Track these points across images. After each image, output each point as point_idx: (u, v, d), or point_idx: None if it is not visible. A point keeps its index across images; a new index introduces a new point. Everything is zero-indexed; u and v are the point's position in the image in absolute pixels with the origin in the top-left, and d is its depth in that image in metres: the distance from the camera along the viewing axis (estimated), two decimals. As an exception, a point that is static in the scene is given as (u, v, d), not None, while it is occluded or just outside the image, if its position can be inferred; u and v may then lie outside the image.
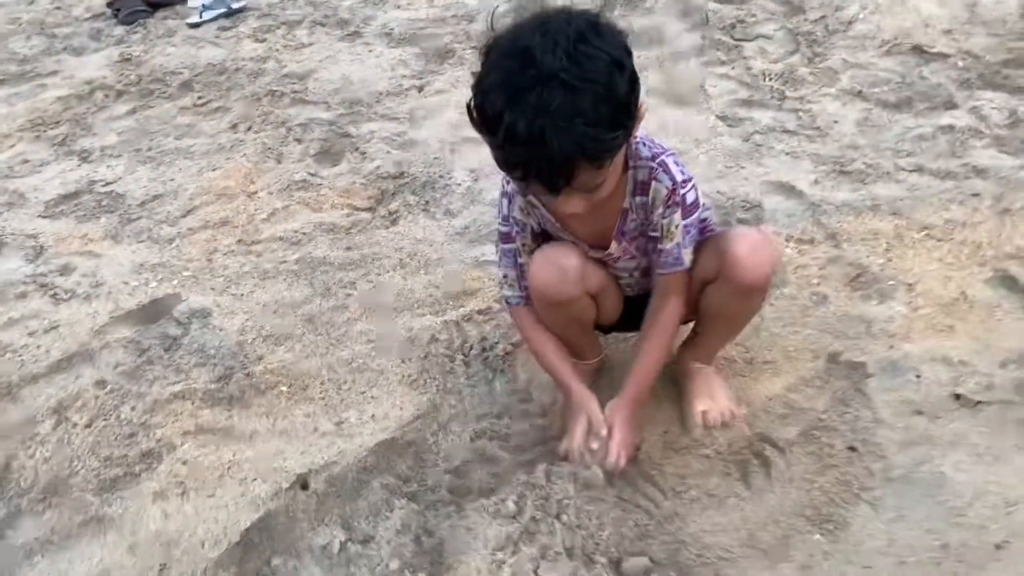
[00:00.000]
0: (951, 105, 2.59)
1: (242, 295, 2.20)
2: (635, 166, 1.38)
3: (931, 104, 2.62)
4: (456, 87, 3.31)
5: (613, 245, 1.47)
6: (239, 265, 2.34)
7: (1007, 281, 1.85)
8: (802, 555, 1.35)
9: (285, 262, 2.33)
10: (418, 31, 3.92)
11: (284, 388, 1.86)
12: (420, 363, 1.88)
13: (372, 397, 1.81)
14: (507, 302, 1.57)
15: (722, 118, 2.75)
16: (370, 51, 3.75)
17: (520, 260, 1.50)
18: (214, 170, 2.88)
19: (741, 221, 2.19)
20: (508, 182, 1.43)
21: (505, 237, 1.49)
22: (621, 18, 3.66)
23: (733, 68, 3.07)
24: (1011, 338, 1.70)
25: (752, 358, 1.75)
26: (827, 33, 3.21)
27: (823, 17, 3.32)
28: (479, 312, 1.99)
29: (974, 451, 1.48)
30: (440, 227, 2.41)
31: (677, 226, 1.39)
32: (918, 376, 1.64)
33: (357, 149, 2.90)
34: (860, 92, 2.76)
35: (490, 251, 2.22)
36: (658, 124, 2.77)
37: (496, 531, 1.37)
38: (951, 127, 2.47)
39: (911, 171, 2.30)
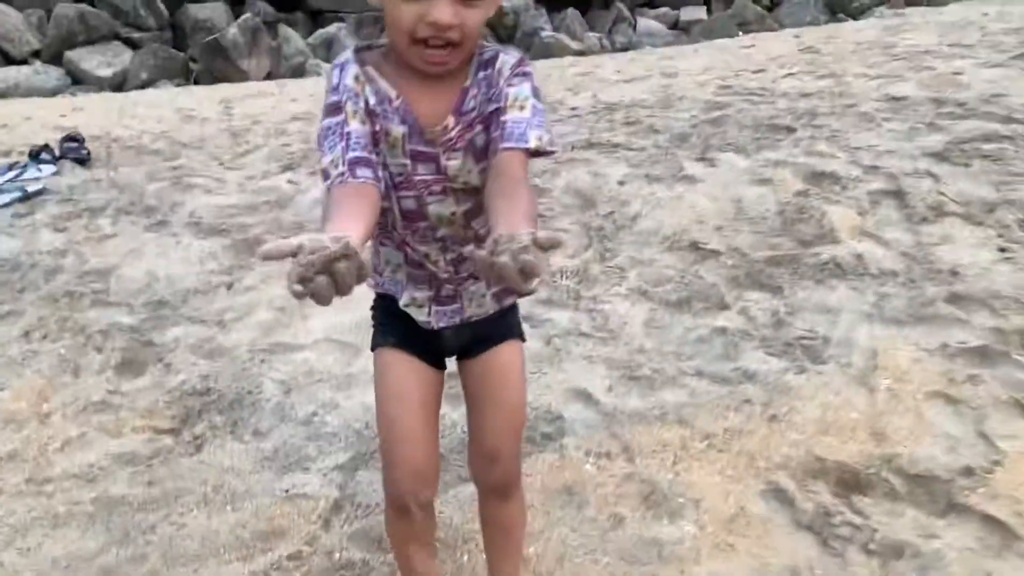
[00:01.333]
0: (723, 305, 2.89)
1: (29, 549, 2.05)
2: (481, 51, 1.35)
3: (707, 304, 2.92)
4: (267, 283, 3.33)
5: (450, 119, 1.33)
6: (27, 510, 2.18)
7: (779, 494, 2.04)
8: None
9: (79, 503, 2.20)
10: (227, 219, 3.94)
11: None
12: (225, 622, 1.81)
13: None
14: (328, 189, 1.27)
15: (526, 319, 2.91)
16: (177, 242, 3.72)
17: (347, 129, 1.28)
18: (2, 390, 2.70)
19: (544, 436, 2.31)
20: (343, 58, 1.34)
21: (333, 109, 1.30)
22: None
23: (534, 264, 3.28)
24: (783, 555, 1.87)
25: (556, 593, 1.82)
26: (616, 228, 3.51)
27: (612, 212, 3.64)
28: (288, 558, 1.95)
29: None
30: (248, 451, 2.37)
31: (527, 98, 1.30)
32: (706, 603, 1.77)
33: (161, 360, 2.83)
34: (646, 292, 3.02)
35: (301, 481, 2.22)
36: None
37: None
38: (724, 329, 2.74)
39: (692, 375, 2.53)
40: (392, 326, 1.51)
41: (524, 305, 2.96)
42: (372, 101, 1.32)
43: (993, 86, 4.66)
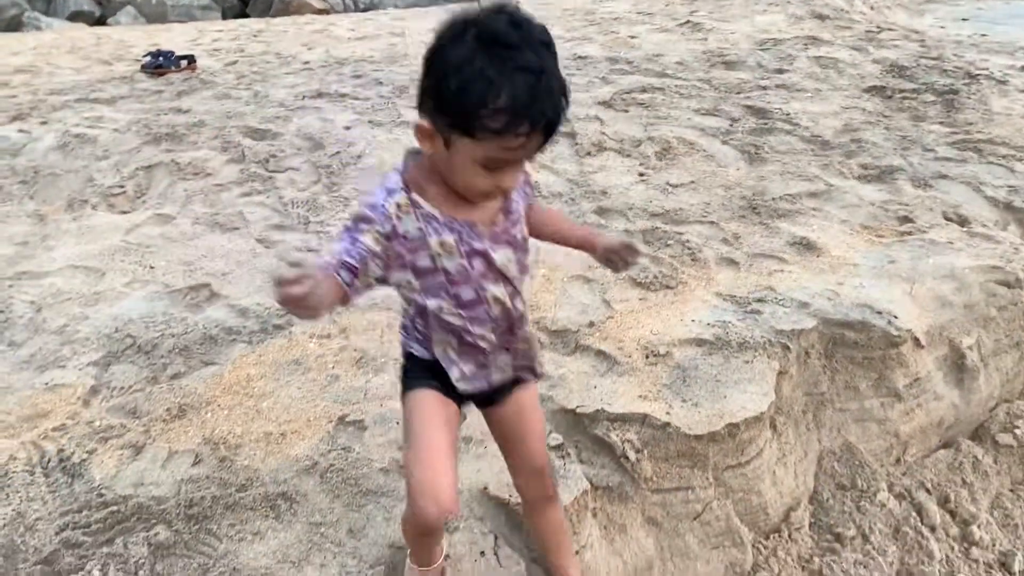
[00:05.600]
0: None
1: None
2: None
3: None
4: (6, 221, 3.51)
5: (500, 219, 1.53)
6: None
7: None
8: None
9: None
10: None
11: None
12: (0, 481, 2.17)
13: (-46, 518, 2.06)
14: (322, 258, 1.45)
15: (260, 241, 3.38)
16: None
17: (359, 239, 1.42)
18: None
19: (276, 327, 2.81)
20: (392, 184, 1.47)
21: (362, 219, 1.44)
22: (167, 152, 4.15)
23: (268, 197, 3.73)
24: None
25: (284, 431, 2.35)
26: (342, 166, 4.03)
27: (338, 152, 4.15)
28: (53, 430, 2.32)
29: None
30: (5, 359, 2.66)
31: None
32: (398, 422, 2.38)
33: (-97, 292, 2.99)
34: (365, 215, 3.58)
35: (59, 375, 2.57)
36: (207, 248, 3.31)
37: (85, 594, 1.78)
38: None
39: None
40: (429, 376, 1.65)
41: (258, 230, 3.43)
42: (411, 228, 1.46)
43: (657, 47, 5.67)
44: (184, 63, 5.94)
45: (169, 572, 1.92)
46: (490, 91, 1.30)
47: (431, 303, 1.54)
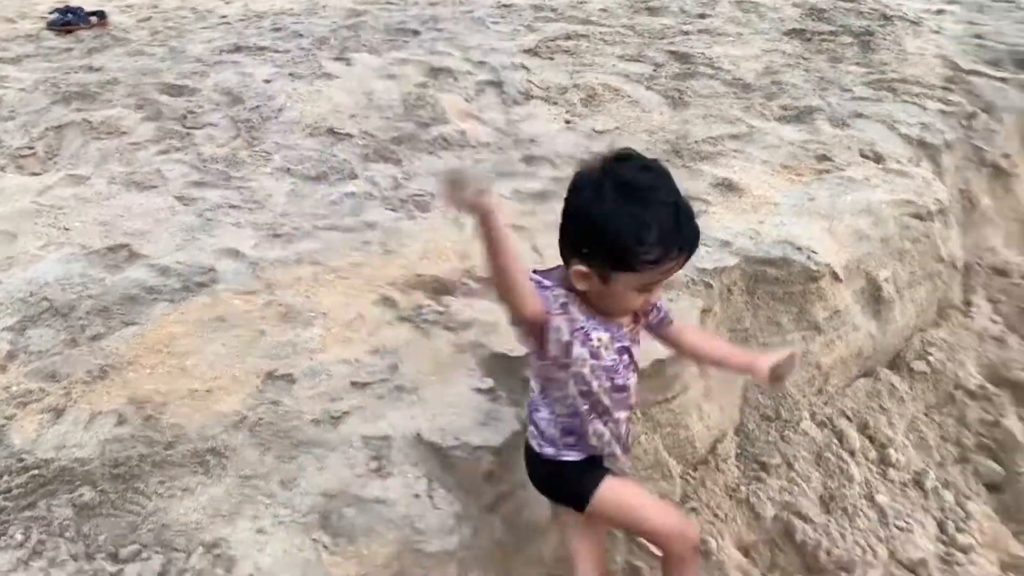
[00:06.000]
0: (354, 176, 3.46)
1: None
2: None
3: (340, 175, 3.47)
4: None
5: (633, 321, 1.84)
6: None
7: (387, 301, 2.68)
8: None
9: None
10: None
11: None
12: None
13: None
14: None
15: (179, 198, 3.28)
16: None
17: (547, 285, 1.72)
18: None
19: (198, 284, 2.74)
20: (560, 292, 1.72)
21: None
22: (78, 112, 3.99)
23: (186, 154, 3.62)
24: (387, 339, 2.52)
25: (211, 387, 2.31)
26: (262, 120, 3.94)
27: (258, 107, 4.04)
28: (-33, 396, 2.25)
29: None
30: (-88, 328, 2.55)
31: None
32: (328, 375, 2.36)
33: None
34: (288, 170, 3.51)
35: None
36: (123, 208, 3.21)
37: (7, 558, 1.74)
38: (353, 193, 3.32)
39: (325, 229, 3.09)
40: (596, 465, 1.91)
41: (177, 187, 3.33)
42: (566, 328, 1.72)
43: (581, -6, 5.64)
44: (94, 19, 5.68)
45: (96, 532, 1.89)
46: (643, 230, 1.56)
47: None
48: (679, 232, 1.60)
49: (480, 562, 2.09)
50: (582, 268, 1.64)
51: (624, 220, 1.56)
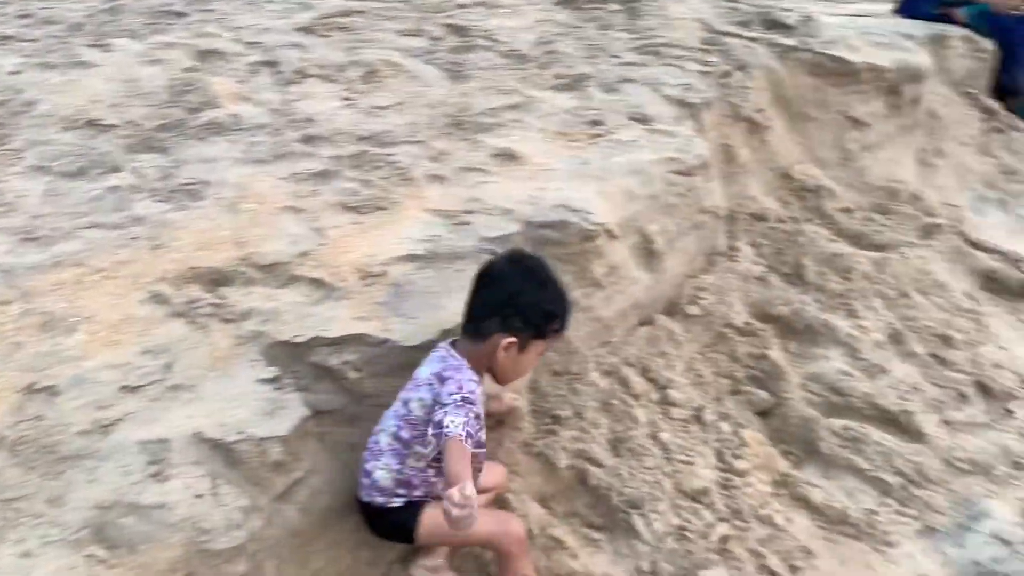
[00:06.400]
0: (117, 169, 3.25)
1: None
2: None
3: (103, 169, 3.25)
4: None
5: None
6: None
7: (157, 298, 2.56)
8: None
9: None
10: None
11: None
12: None
13: None
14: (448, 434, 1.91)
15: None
16: None
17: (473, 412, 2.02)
18: None
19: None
20: (476, 378, 2.14)
21: (469, 403, 2.00)
22: None
23: (-81, 158, 3.26)
24: (160, 338, 2.40)
25: (-40, 409, 2.12)
26: (11, 115, 3.61)
27: (6, 101, 3.70)
28: None
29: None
30: None
31: None
32: (95, 382, 2.23)
33: None
34: (44, 167, 3.25)
35: None
36: None
37: None
38: (117, 187, 3.13)
39: (87, 228, 2.88)
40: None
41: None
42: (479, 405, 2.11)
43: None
44: None
45: None
46: (562, 307, 2.23)
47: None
48: (569, 310, 2.27)
49: (275, 552, 2.06)
50: (511, 339, 2.12)
51: (551, 299, 2.20)
